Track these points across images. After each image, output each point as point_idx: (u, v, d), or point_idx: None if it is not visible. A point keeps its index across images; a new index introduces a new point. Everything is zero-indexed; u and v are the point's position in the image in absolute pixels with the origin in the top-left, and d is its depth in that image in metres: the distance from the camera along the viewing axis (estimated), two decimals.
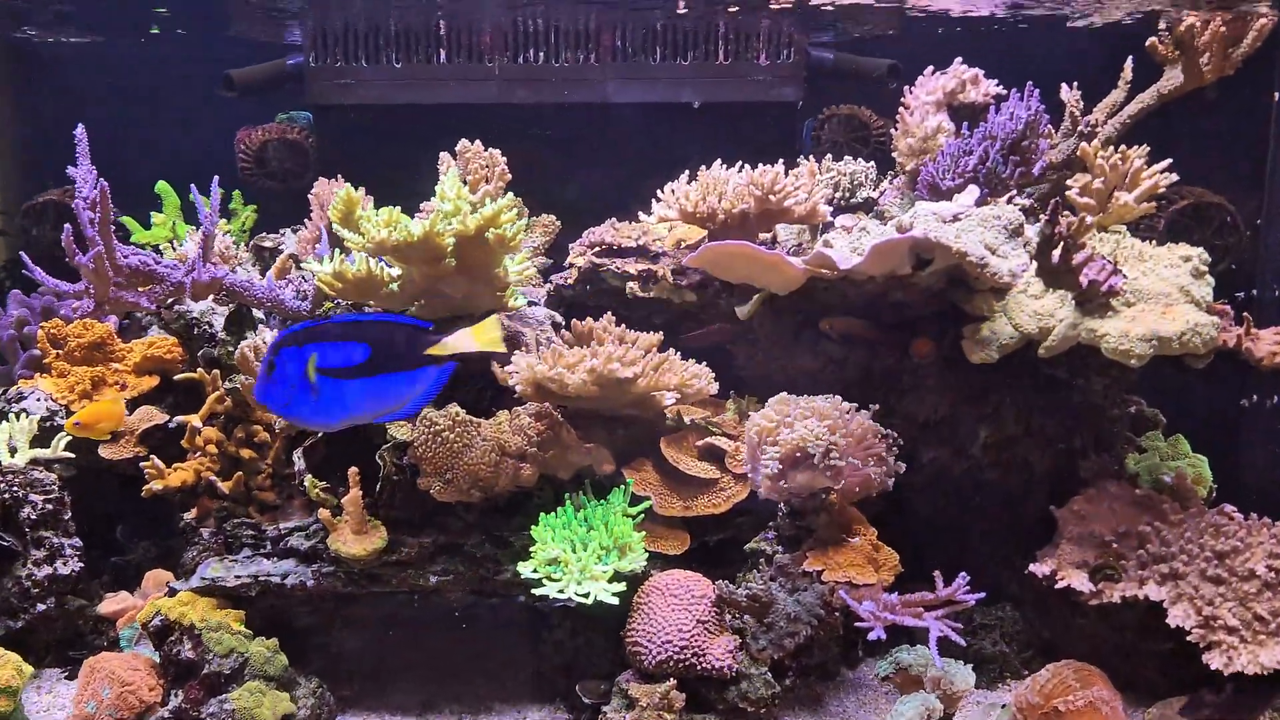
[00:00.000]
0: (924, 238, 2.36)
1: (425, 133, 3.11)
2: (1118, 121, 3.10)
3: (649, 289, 2.92)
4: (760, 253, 2.59)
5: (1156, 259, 2.74)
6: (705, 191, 2.86)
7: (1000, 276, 2.38)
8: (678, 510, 2.64)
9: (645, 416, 2.74)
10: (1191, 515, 2.50)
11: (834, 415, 2.45)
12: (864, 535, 2.59)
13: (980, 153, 2.82)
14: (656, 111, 3.36)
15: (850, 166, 3.03)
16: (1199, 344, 2.44)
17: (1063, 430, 2.93)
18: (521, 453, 2.55)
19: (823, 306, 2.88)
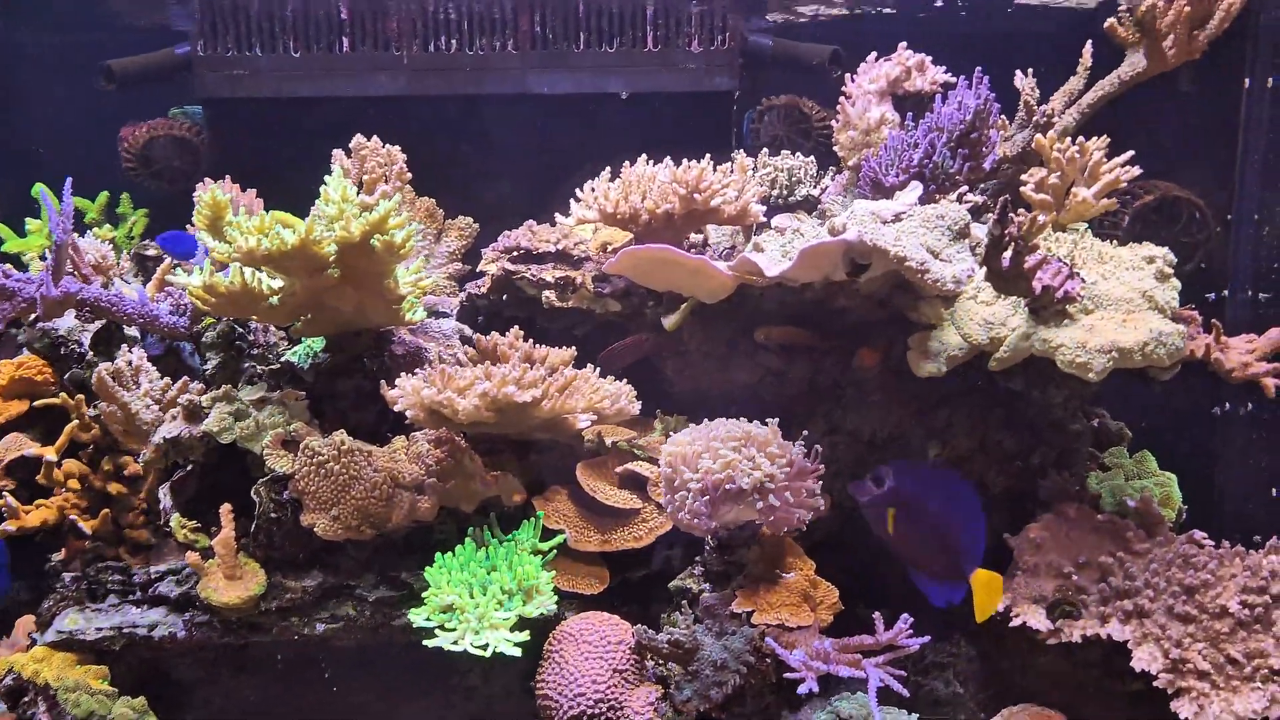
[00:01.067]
0: (858, 241, 2.11)
1: (328, 128, 2.84)
2: (1076, 111, 2.86)
3: (567, 298, 2.66)
4: (683, 257, 2.34)
5: (1118, 260, 2.51)
6: (627, 190, 2.60)
7: (943, 283, 2.13)
8: (595, 544, 2.38)
9: (561, 440, 2.48)
10: (1158, 544, 2.27)
11: (770, 442, 2.20)
12: (800, 569, 2.35)
13: (926, 146, 2.58)
14: (581, 103, 3.09)
15: (788, 162, 2.78)
16: (1163, 355, 2.20)
17: (1020, 446, 2.70)
18: (419, 484, 2.29)
19: (759, 314, 2.64)
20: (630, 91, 3.07)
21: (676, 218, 2.54)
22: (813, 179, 2.83)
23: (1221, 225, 3.34)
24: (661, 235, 2.59)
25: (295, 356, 2.48)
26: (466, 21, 3.00)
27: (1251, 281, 3.29)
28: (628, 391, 2.47)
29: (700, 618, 2.31)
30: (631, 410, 2.46)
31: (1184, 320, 2.43)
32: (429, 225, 3.01)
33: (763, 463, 2.14)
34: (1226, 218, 3.34)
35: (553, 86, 3.05)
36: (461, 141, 3.15)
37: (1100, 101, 2.86)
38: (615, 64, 3.06)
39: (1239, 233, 3.31)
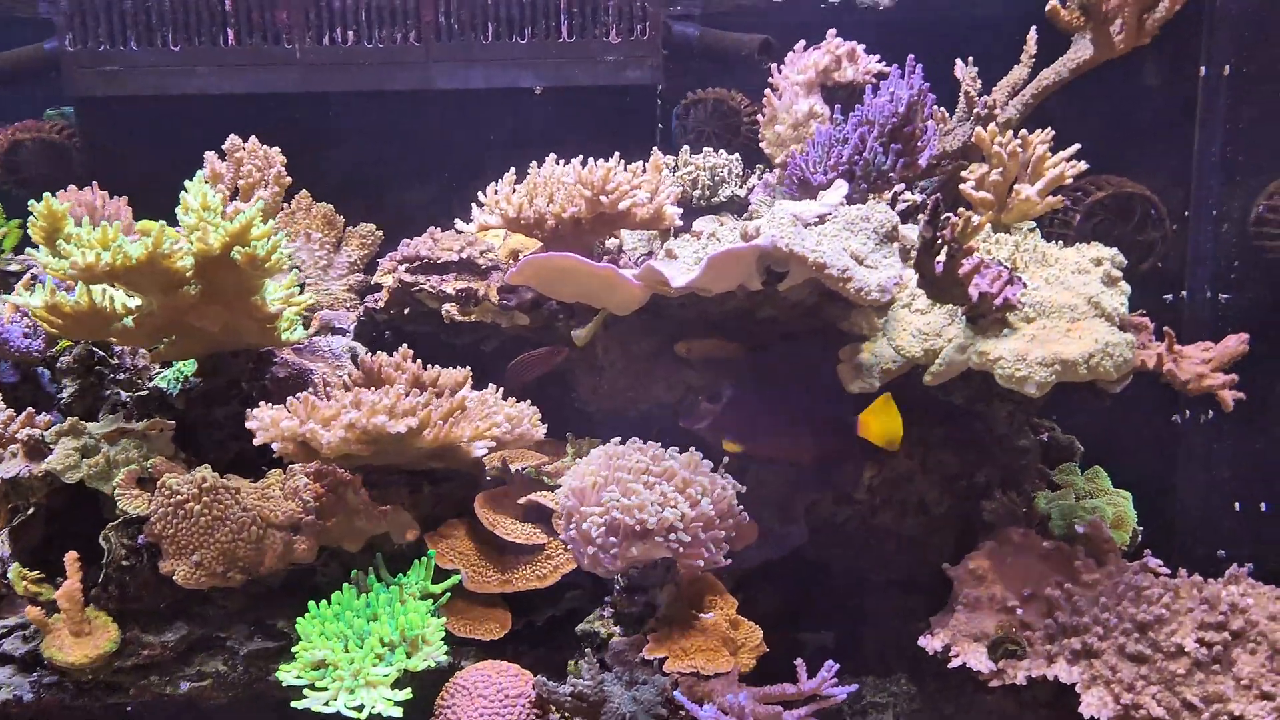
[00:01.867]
0: (771, 247, 1.90)
1: (212, 129, 2.59)
2: (1019, 102, 2.66)
3: (470, 311, 2.43)
4: (589, 266, 2.12)
5: (1063, 263, 2.31)
6: (532, 193, 2.38)
7: (867, 292, 1.93)
8: (495, 585, 2.16)
9: (459, 468, 2.26)
10: (1108, 574, 2.07)
11: (684, 472, 1.98)
12: (721, 609, 2.13)
13: (855, 141, 2.38)
14: (492, 98, 2.86)
15: (711, 160, 2.56)
16: (1110, 368, 2.01)
17: (964, 465, 2.50)
18: (295, 523, 2.06)
19: (680, 326, 2.43)
20: (544, 86, 2.85)
21: (585, 222, 2.32)
22: (738, 178, 2.62)
23: (1178, 222, 3.16)
24: (570, 241, 2.37)
25: (165, 382, 2.24)
26: (365, 11, 2.76)
27: (1210, 281, 3.11)
28: (531, 414, 2.25)
29: (609, 665, 2.09)
30: (535, 435, 2.24)
31: (1134, 328, 2.23)
32: (327, 233, 2.78)
33: (674, 498, 1.93)
34: (1184, 214, 3.16)
35: (460, 81, 2.83)
36: (362, 142, 2.91)
37: (1045, 92, 2.66)
38: (527, 56, 2.83)
39: (1197, 230, 3.13)
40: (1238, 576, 2.05)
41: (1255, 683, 1.84)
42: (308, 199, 2.78)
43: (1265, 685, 1.83)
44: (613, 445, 2.03)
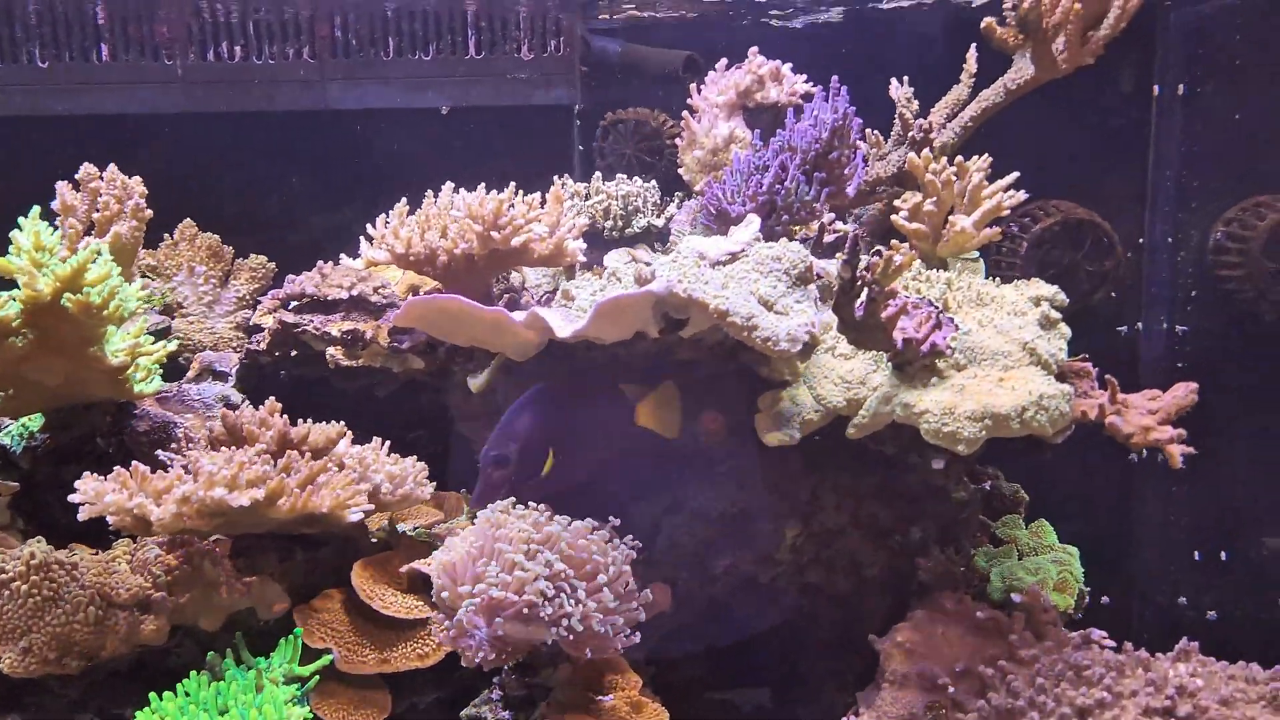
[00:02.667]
0: (666, 293, 1.70)
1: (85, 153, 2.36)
2: (958, 125, 2.48)
3: (357, 354, 2.23)
4: (476, 310, 1.91)
5: (1000, 302, 2.13)
6: (424, 226, 2.17)
7: (774, 342, 1.73)
8: (372, 665, 1.94)
9: (337, 532, 2.05)
10: (1046, 650, 1.88)
11: (574, 545, 1.77)
12: (622, 689, 1.93)
13: (776, 169, 2.18)
14: (395, 120, 2.65)
15: (624, 188, 2.36)
16: (1044, 423, 1.82)
17: (898, 519, 2.30)
18: (142, 600, 1.84)
19: (584, 370, 2.22)
20: (451, 106, 2.64)
21: (478, 259, 2.11)
22: (655, 207, 2.42)
23: (1134, 249, 2.99)
24: (464, 279, 2.17)
25: (8, 438, 2.02)
26: (253, 25, 2.55)
27: (1167, 312, 2.93)
28: (417, 472, 2.04)
29: None
30: (420, 495, 2.03)
31: (1075, 375, 2.04)
32: (213, 266, 2.56)
33: (561, 569, 1.72)
34: (1139, 241, 2.99)
35: (359, 101, 2.61)
36: (253, 167, 2.69)
37: (985, 114, 2.48)
38: (433, 74, 2.62)
39: (1153, 258, 2.95)
40: (1187, 652, 1.86)
41: None
42: (192, 229, 2.56)
43: None
44: (492, 511, 1.82)
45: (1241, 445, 2.91)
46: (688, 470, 2.26)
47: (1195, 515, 2.96)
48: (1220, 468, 2.94)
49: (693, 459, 2.25)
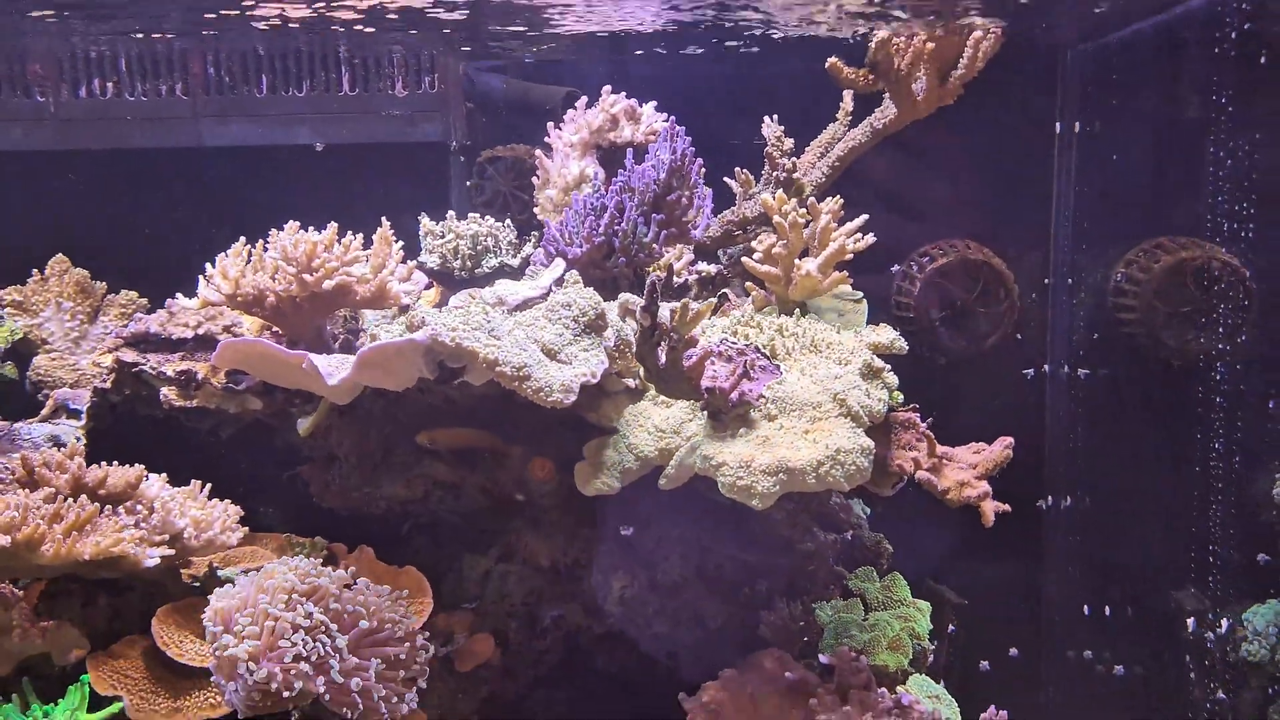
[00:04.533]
0: (431, 341, 1.66)
1: None
2: (826, 165, 2.42)
3: (191, 395, 2.20)
4: (281, 354, 1.89)
5: (834, 349, 2.06)
6: (256, 266, 2.15)
7: (546, 393, 1.68)
8: (162, 714, 1.90)
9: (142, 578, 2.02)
10: (846, 716, 1.79)
11: (337, 596, 1.73)
12: None
13: (613, 210, 2.13)
14: (269, 156, 2.64)
15: (472, 228, 2.32)
16: (840, 478, 1.74)
17: (744, 572, 2.24)
18: None
19: (427, 413, 2.19)
20: (325, 143, 2.63)
21: (300, 301, 2.08)
22: (512, 246, 2.38)
23: (1039, 291, 2.89)
24: (292, 321, 2.14)
25: None
26: (125, 62, 2.56)
27: (1067, 356, 2.83)
28: (225, 518, 2.01)
29: None
30: (227, 540, 2.00)
31: (900, 426, 1.96)
32: (80, 302, 2.56)
33: (321, 621, 1.67)
34: (1045, 282, 2.89)
35: (232, 138, 2.61)
36: (126, 203, 2.70)
37: (852, 154, 2.42)
38: (306, 111, 2.62)
39: (1055, 299, 2.85)
40: None
41: None
42: (62, 264, 2.57)
43: None
44: (271, 563, 1.78)
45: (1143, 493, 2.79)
46: (520, 519, 2.22)
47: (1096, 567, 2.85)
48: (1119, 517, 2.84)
49: (525, 508, 2.21)
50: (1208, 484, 2.72)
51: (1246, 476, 2.71)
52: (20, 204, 2.36)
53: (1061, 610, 2.89)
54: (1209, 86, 2.51)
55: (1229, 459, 2.68)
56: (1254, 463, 2.69)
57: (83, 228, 2.62)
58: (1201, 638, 2.72)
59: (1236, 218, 2.53)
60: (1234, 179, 2.53)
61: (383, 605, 1.77)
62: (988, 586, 2.89)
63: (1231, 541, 2.73)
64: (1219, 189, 2.55)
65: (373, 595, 1.78)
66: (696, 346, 1.82)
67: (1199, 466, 2.71)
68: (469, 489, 2.23)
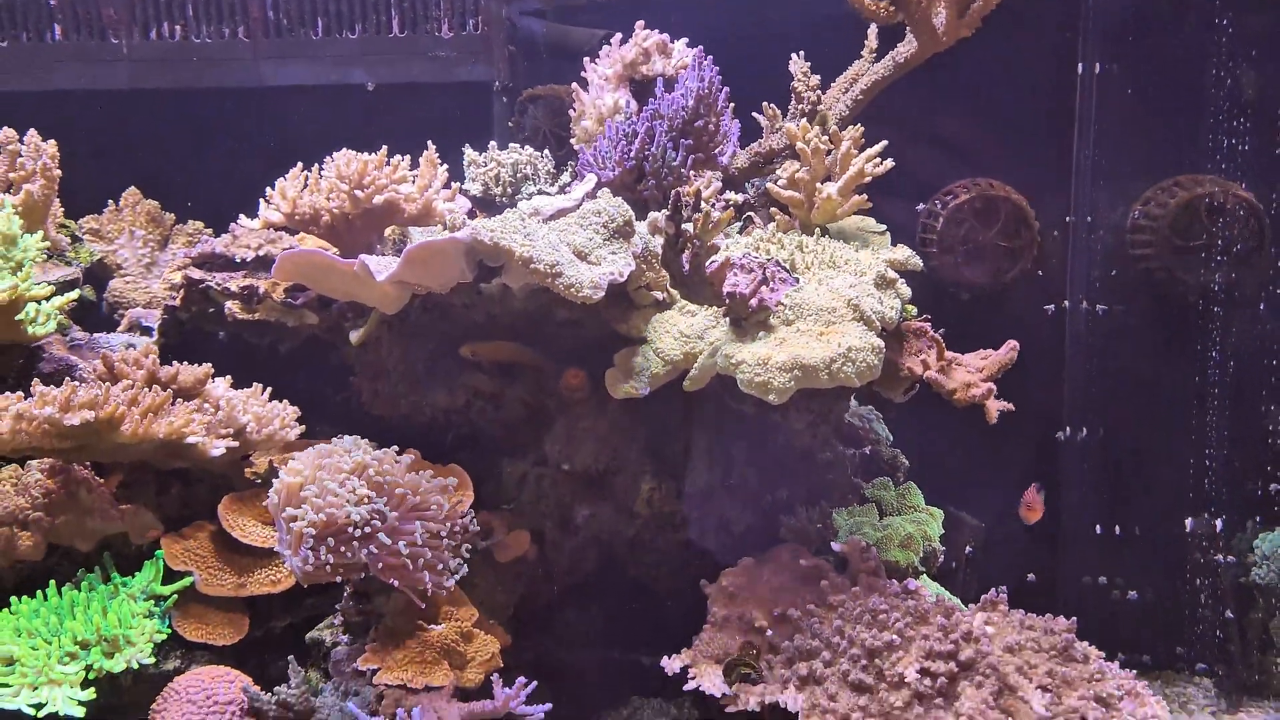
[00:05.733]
0: (471, 240, 1.81)
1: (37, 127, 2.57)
2: (849, 99, 2.53)
3: (253, 309, 2.38)
4: (335, 262, 2.05)
5: (851, 265, 2.18)
6: (313, 188, 2.32)
7: (577, 289, 1.82)
8: (229, 589, 2.09)
9: (213, 469, 2.21)
10: (854, 596, 1.93)
11: (387, 471, 1.90)
12: (453, 620, 2.04)
13: (644, 135, 2.27)
14: (323, 95, 2.81)
15: (512, 156, 2.47)
16: (851, 374, 1.87)
17: (765, 481, 2.37)
18: (21, 518, 2.02)
19: (469, 328, 2.33)
20: (376, 83, 2.79)
21: (353, 218, 2.25)
22: (549, 175, 2.53)
23: (1060, 229, 2.99)
24: (345, 238, 2.31)
25: None
26: (192, 7, 2.74)
27: (1086, 291, 2.92)
28: (285, 415, 2.19)
29: (331, 675, 2.02)
30: (286, 436, 2.18)
31: (911, 334, 2.09)
32: (151, 231, 2.75)
33: (367, 495, 1.84)
34: (1065, 220, 2.98)
35: (289, 78, 2.79)
36: (192, 140, 2.88)
37: (876, 87, 2.52)
38: (358, 52, 2.78)
39: (1075, 237, 2.95)
40: (993, 603, 1.89)
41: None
42: (135, 196, 2.76)
43: None
44: (326, 444, 1.95)
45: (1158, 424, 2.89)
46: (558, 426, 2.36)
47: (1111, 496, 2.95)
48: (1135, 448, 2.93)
49: (560, 417, 2.35)
50: (1221, 415, 2.81)
51: (1258, 407, 2.79)
52: (96, 140, 2.54)
53: (1077, 538, 2.99)
54: (1228, 27, 2.59)
55: (1241, 391, 2.77)
56: (1266, 394, 2.77)
57: (153, 163, 2.79)
58: (1212, 562, 2.81)
59: (1251, 153, 2.62)
60: (1250, 116, 2.61)
61: (427, 487, 1.94)
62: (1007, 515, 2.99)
63: (1243, 471, 2.81)
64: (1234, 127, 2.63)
65: (418, 477, 1.94)
66: (719, 254, 1.95)
67: (1212, 398, 2.80)
68: (508, 400, 2.37)
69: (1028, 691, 1.70)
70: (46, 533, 2.04)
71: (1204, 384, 2.83)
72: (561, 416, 2.34)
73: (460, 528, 2.01)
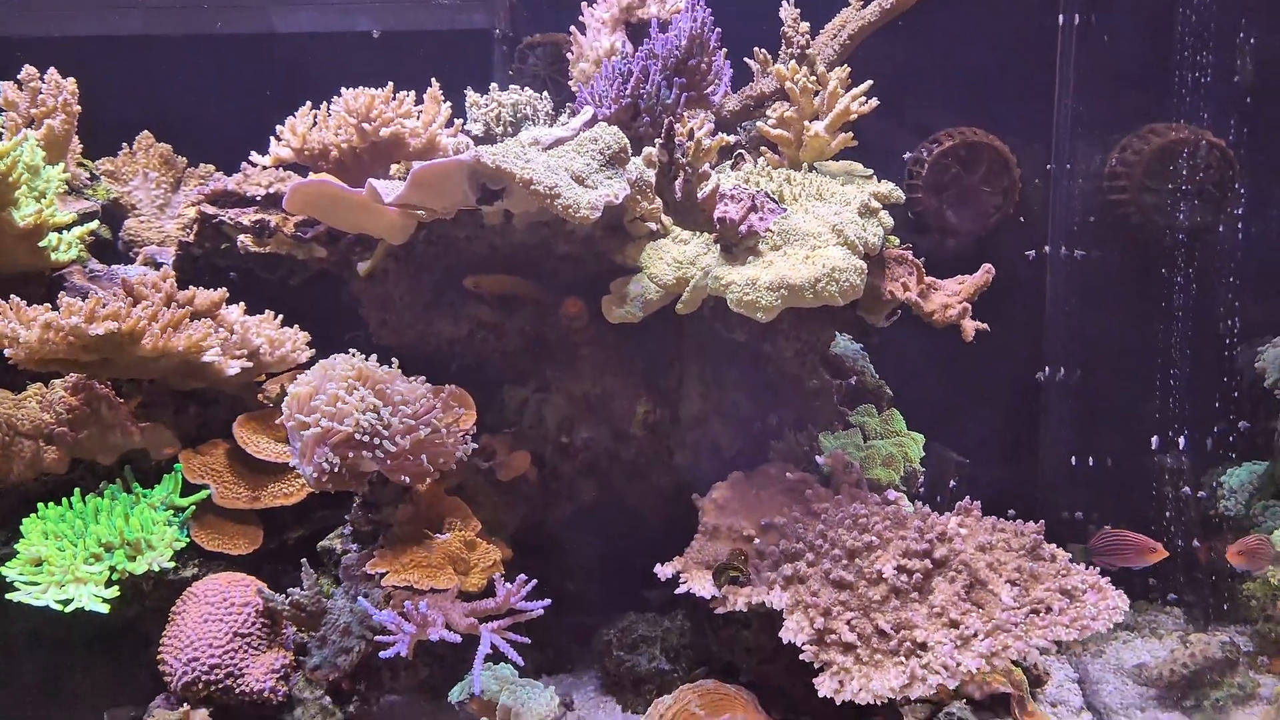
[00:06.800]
0: (474, 161, 1.91)
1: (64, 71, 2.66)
2: (836, 43, 2.63)
3: (265, 242, 2.48)
4: (344, 190, 2.15)
5: (838, 197, 2.28)
6: (323, 124, 2.42)
7: (575, 209, 1.93)
8: (244, 501, 2.21)
9: (226, 390, 2.31)
10: (837, 504, 2.05)
11: (386, 382, 2.00)
12: (458, 530, 2.15)
13: (639, 74, 2.36)
14: (330, 42, 2.91)
15: (512, 96, 2.57)
16: (835, 293, 1.98)
17: (757, 407, 2.48)
18: (45, 432, 2.12)
19: (471, 261, 2.44)
20: (381, 30, 2.88)
21: (360, 152, 2.35)
22: (548, 116, 2.62)
23: (1041, 177, 3.09)
24: (353, 173, 2.41)
25: None
26: None
27: (1065, 238, 3.03)
28: (296, 338, 2.30)
29: (341, 579, 2.13)
30: (298, 358, 2.29)
31: (893, 261, 2.19)
32: (164, 173, 2.85)
33: (374, 403, 1.94)
34: (1047, 168, 3.09)
35: (298, 24, 2.88)
36: (203, 86, 2.98)
37: (863, 32, 2.62)
38: (364, 1, 2.87)
39: (1055, 185, 3.05)
40: (967, 509, 2.01)
41: (945, 611, 1.80)
42: (148, 139, 2.85)
43: (954, 613, 1.79)
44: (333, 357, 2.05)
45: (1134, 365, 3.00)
46: (558, 353, 2.47)
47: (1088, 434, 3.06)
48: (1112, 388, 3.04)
49: (559, 347, 2.46)
50: (1192, 356, 2.93)
51: (1229, 349, 2.91)
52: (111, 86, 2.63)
53: (1055, 475, 3.11)
54: None
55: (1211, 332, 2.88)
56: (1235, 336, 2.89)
57: (165, 108, 2.88)
58: (1183, 497, 2.93)
59: (1223, 102, 2.72)
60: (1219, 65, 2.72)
61: (425, 392, 2.04)
62: (990, 452, 3.11)
63: (1213, 409, 2.93)
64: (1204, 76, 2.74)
65: (420, 387, 2.04)
66: (710, 181, 2.06)
67: (1184, 339, 2.91)
68: (509, 331, 2.48)
69: (997, 585, 1.81)
70: (70, 447, 2.15)
71: (1175, 325, 2.94)
72: (561, 346, 2.45)
73: (461, 432, 2.11)
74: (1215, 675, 2.48)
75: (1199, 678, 2.49)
